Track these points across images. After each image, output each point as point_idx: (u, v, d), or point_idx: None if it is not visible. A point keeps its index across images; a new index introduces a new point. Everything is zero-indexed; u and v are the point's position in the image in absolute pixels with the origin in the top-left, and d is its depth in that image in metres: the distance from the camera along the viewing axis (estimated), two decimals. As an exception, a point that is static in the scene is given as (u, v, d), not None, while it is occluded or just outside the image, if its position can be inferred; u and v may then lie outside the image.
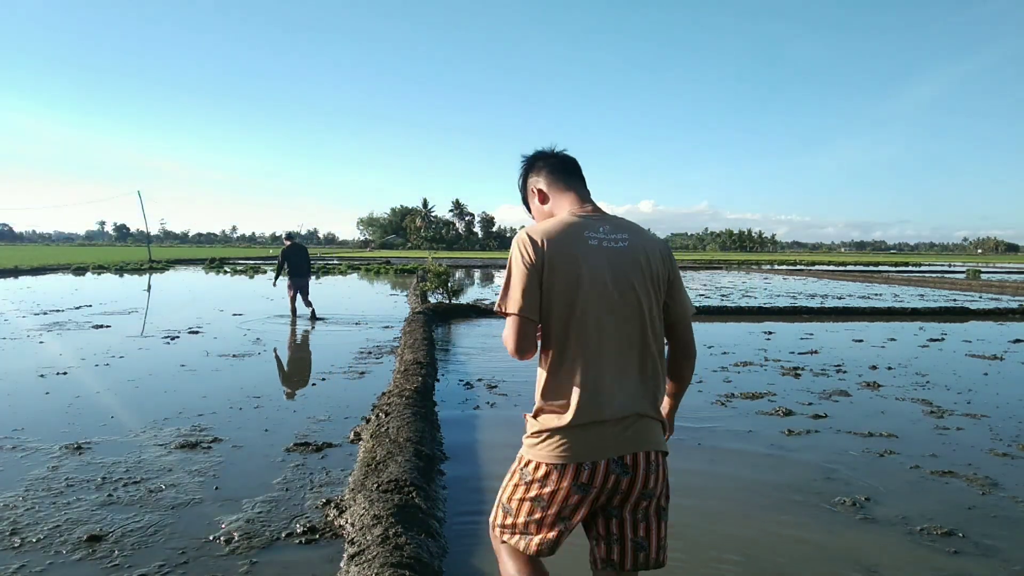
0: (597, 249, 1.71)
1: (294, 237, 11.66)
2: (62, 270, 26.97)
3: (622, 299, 1.71)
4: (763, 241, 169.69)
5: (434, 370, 6.74)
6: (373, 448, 3.97)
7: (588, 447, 1.66)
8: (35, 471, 3.81)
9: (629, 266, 1.72)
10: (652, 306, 1.74)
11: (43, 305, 13.11)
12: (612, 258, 1.71)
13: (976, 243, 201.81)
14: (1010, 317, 13.21)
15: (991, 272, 37.09)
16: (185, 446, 4.29)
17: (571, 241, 1.70)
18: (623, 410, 1.68)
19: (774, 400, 5.83)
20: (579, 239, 1.71)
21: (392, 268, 32.24)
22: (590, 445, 1.66)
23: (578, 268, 1.68)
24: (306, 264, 11.28)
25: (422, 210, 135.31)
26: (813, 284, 24.13)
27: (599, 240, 1.72)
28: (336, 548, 2.93)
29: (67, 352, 7.74)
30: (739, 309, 13.57)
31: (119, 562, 2.80)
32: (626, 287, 1.71)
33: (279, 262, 11.20)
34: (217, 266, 33.34)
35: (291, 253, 11.14)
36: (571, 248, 1.69)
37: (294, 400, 5.68)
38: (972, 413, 5.45)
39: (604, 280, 1.69)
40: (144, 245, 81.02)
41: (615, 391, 1.69)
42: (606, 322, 1.69)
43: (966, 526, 3.27)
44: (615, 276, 1.70)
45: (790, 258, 79.82)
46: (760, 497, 3.62)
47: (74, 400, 5.48)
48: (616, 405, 1.68)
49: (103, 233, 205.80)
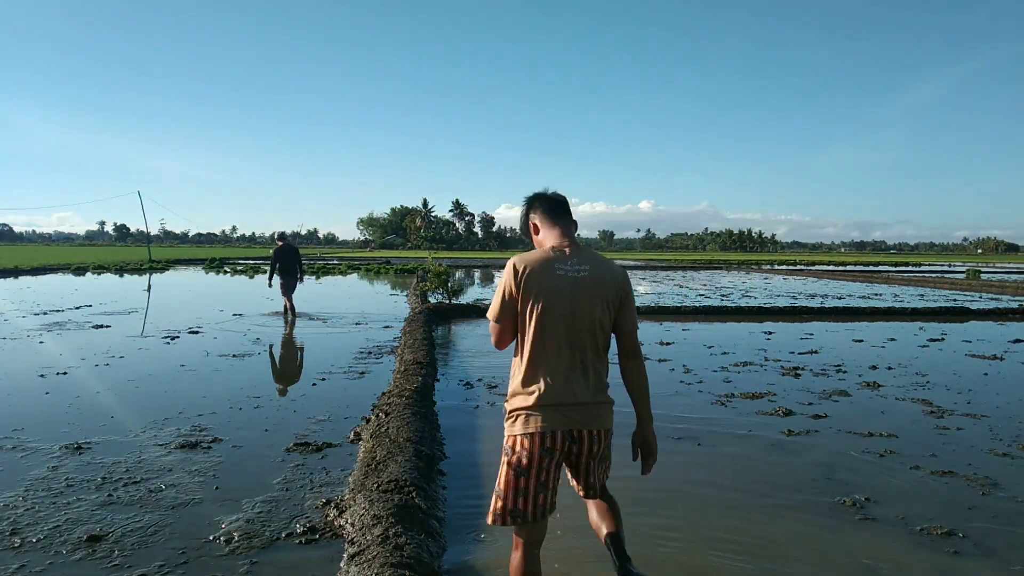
0: (563, 277, 2.30)
1: (286, 237, 11.94)
2: (62, 270, 26.98)
3: (574, 314, 2.29)
4: (763, 241, 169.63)
5: (434, 370, 6.74)
6: (373, 448, 3.97)
7: (549, 421, 2.24)
8: (35, 471, 3.81)
9: (585, 290, 2.30)
10: (599, 319, 2.31)
11: (43, 305, 13.12)
12: (573, 284, 2.29)
13: (976, 243, 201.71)
14: (1010, 317, 13.21)
15: (991, 272, 37.09)
16: (185, 446, 4.29)
17: (543, 270, 2.30)
18: (573, 397, 2.26)
19: (774, 400, 5.83)
20: (549, 269, 2.30)
21: (392, 268, 32.24)
22: (550, 419, 2.24)
23: (544, 291, 2.28)
24: (296, 264, 11.57)
25: (422, 210, 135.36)
26: (813, 284, 24.14)
27: (565, 271, 2.30)
28: (336, 548, 2.93)
29: (67, 352, 7.74)
30: (739, 309, 13.57)
31: (119, 562, 2.80)
32: (579, 306, 2.29)
33: (271, 262, 11.55)
34: (217, 266, 33.34)
35: (282, 253, 11.46)
36: (541, 276, 2.29)
37: (294, 400, 5.68)
38: (972, 413, 5.45)
39: (563, 300, 2.28)
40: (144, 245, 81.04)
41: (569, 382, 2.27)
42: (562, 332, 2.28)
43: (966, 526, 3.27)
44: (572, 297, 2.28)
45: (790, 258, 79.87)
46: (760, 497, 3.62)
47: (74, 400, 5.48)
48: (569, 393, 2.26)
49: (103, 233, 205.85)
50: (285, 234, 12.06)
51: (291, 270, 11.51)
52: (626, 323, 2.39)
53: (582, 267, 2.32)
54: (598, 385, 2.32)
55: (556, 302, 2.27)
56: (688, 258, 71.53)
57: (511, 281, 2.30)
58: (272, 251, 11.65)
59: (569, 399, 2.25)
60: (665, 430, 4.81)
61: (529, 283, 2.28)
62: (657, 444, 2.41)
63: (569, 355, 2.27)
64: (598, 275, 2.33)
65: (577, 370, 2.28)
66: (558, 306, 2.27)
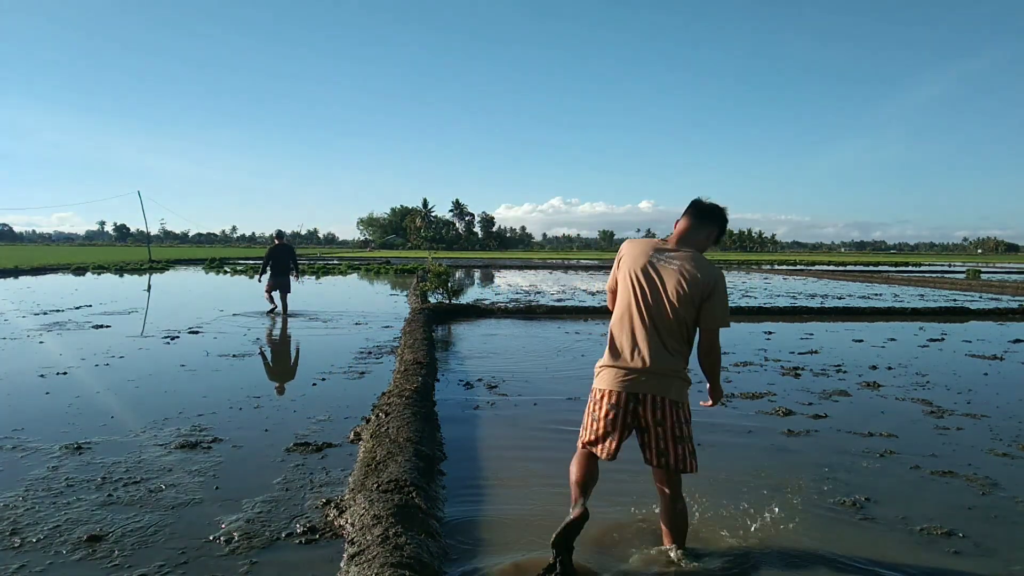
0: (654, 264, 2.77)
1: (283, 236, 12.23)
2: (62, 270, 26.96)
3: (655, 299, 2.75)
4: (763, 241, 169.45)
5: (434, 370, 6.74)
6: (373, 448, 3.97)
7: (618, 381, 2.74)
8: (35, 471, 3.81)
9: (667, 281, 2.73)
10: (677, 309, 2.72)
11: (43, 305, 13.11)
12: (660, 274, 2.76)
13: (976, 243, 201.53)
14: (1010, 317, 13.20)
15: (991, 272, 37.08)
16: (185, 446, 4.29)
17: (640, 254, 2.83)
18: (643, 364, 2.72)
19: (774, 400, 5.83)
20: (646, 255, 2.81)
21: (392, 268, 32.22)
22: (619, 380, 2.74)
23: (635, 273, 2.79)
24: (290, 263, 11.78)
25: (422, 210, 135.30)
26: (813, 284, 24.13)
27: (658, 260, 2.78)
28: (336, 548, 2.93)
29: (67, 352, 7.74)
30: (739, 309, 13.57)
31: (119, 562, 2.80)
32: (659, 293, 2.74)
33: (265, 259, 11.78)
34: (217, 266, 33.33)
35: (277, 252, 11.70)
36: (637, 259, 2.83)
37: (294, 400, 5.67)
38: (972, 413, 5.45)
39: (646, 285, 2.76)
40: (144, 245, 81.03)
41: (641, 352, 2.72)
42: (643, 310, 2.75)
43: (966, 526, 3.27)
44: (653, 285, 2.75)
45: (790, 258, 79.80)
46: (760, 497, 3.61)
47: (74, 400, 5.48)
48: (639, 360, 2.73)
49: (103, 233, 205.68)
50: (283, 233, 12.32)
51: (285, 269, 11.69)
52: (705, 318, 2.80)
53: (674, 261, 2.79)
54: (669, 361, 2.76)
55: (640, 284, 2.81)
56: (688, 258, 71.23)
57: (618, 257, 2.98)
58: (267, 249, 11.87)
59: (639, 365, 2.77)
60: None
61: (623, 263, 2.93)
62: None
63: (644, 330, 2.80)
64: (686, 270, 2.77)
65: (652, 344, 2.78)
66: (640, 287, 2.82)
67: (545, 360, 7.60)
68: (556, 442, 4.43)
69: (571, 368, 7.26)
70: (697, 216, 2.86)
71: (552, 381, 6.45)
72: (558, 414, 5.26)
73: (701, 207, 2.87)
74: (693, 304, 2.71)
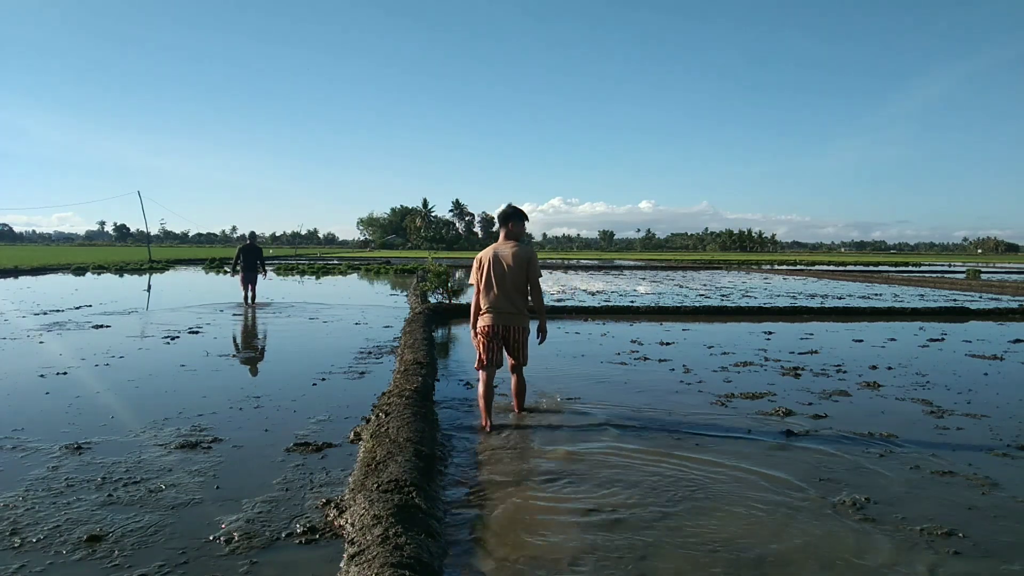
0: (499, 257, 4.93)
1: (254, 237, 14.20)
2: (62, 270, 26.97)
3: (503, 273, 4.89)
4: (763, 241, 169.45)
5: (434, 370, 6.74)
6: (373, 448, 3.97)
7: (492, 320, 4.91)
8: (35, 471, 3.81)
9: (508, 263, 4.89)
10: (516, 277, 4.90)
11: (43, 305, 13.12)
12: (504, 260, 4.90)
13: (976, 243, 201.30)
14: (1010, 317, 13.20)
15: (991, 272, 37.07)
16: (185, 446, 4.29)
17: (490, 254, 4.96)
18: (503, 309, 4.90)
19: (774, 400, 5.83)
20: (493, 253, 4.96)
21: (392, 268, 32.22)
22: (492, 319, 4.91)
23: (490, 264, 4.92)
24: (258, 262, 13.82)
25: (422, 210, 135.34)
26: (813, 284, 24.13)
27: (500, 254, 4.93)
28: (336, 548, 2.93)
29: (67, 352, 7.74)
30: (739, 309, 13.57)
31: (119, 562, 2.80)
32: (505, 270, 4.89)
33: (235, 257, 13.82)
34: (217, 266, 33.32)
35: (246, 251, 13.68)
36: (490, 257, 4.95)
37: (294, 400, 5.67)
38: (972, 413, 5.45)
39: (498, 268, 4.90)
40: (144, 245, 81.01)
41: (501, 302, 4.89)
42: (498, 282, 4.90)
43: (966, 526, 3.27)
44: (501, 266, 4.90)
45: (790, 258, 79.81)
46: (759, 497, 3.61)
47: (74, 400, 5.48)
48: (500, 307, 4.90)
49: (103, 233, 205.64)
50: (255, 234, 14.28)
51: (252, 266, 13.71)
52: (530, 281, 4.99)
53: (509, 252, 4.94)
54: (517, 306, 4.96)
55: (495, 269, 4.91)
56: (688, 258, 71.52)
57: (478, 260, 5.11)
58: (238, 248, 13.86)
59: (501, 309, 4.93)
60: (665, 429, 4.83)
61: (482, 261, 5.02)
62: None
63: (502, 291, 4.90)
64: (516, 255, 4.92)
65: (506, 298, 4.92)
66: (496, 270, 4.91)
67: (545, 360, 7.58)
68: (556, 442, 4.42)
69: (571, 368, 7.26)
70: (506, 219, 5.05)
71: (552, 381, 6.45)
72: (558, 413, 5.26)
73: (507, 212, 5.03)
74: (523, 270, 4.89)
